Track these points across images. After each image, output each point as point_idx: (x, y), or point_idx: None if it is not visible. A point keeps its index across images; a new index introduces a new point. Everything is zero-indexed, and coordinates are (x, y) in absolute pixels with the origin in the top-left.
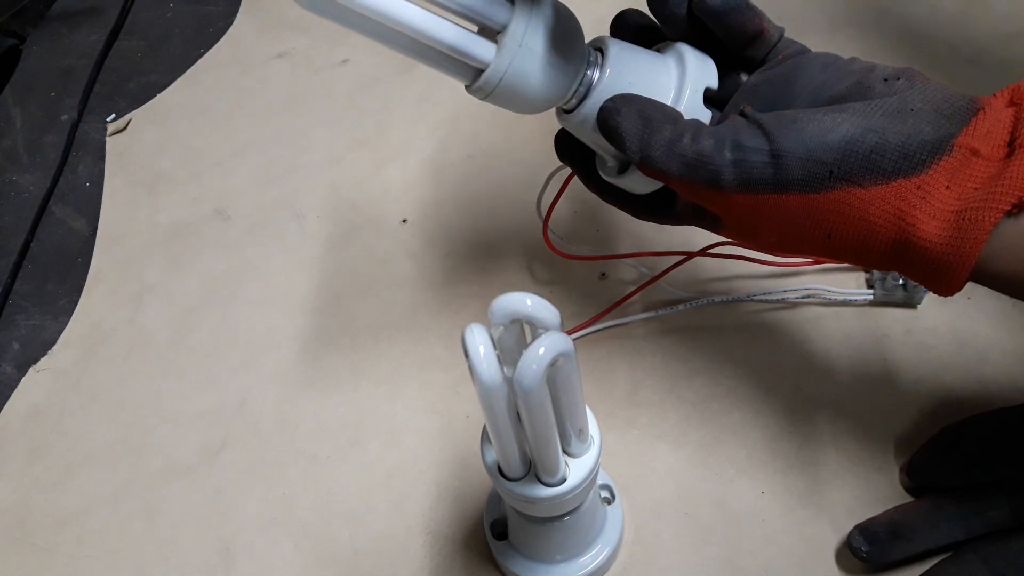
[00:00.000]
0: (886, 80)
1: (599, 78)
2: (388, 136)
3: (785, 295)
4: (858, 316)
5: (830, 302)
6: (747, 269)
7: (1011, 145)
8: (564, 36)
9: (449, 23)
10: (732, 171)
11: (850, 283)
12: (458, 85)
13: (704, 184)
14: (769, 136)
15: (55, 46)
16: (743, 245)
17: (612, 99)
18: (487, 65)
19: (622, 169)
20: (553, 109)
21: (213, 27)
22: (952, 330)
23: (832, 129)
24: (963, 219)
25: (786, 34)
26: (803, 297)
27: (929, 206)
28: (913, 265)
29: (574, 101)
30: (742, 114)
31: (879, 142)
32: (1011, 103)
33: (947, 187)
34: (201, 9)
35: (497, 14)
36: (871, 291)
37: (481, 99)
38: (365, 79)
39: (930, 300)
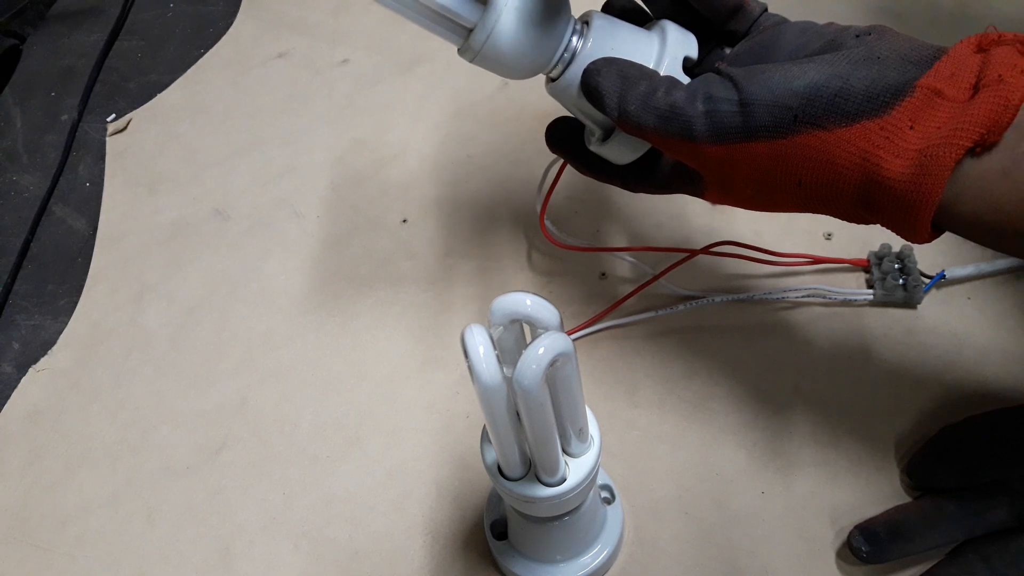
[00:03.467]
0: (858, 36)
1: (583, 46)
2: (388, 136)
3: (785, 295)
4: (858, 316)
5: (830, 302)
6: (747, 269)
7: (976, 87)
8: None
9: None
10: (703, 121)
11: (850, 283)
12: (457, 85)
13: (678, 136)
14: (738, 86)
15: (55, 46)
16: (724, 202)
17: (594, 62)
18: (475, 24)
19: (606, 137)
20: (543, 81)
21: (213, 27)
22: (952, 330)
23: (798, 76)
24: (925, 156)
25: None
26: (803, 297)
27: (893, 146)
28: (880, 207)
29: (560, 67)
30: (716, 71)
31: (843, 87)
32: (979, 49)
33: (911, 127)
34: (201, 9)
35: None
36: (871, 291)
37: (470, 60)
38: (365, 79)
39: (930, 300)
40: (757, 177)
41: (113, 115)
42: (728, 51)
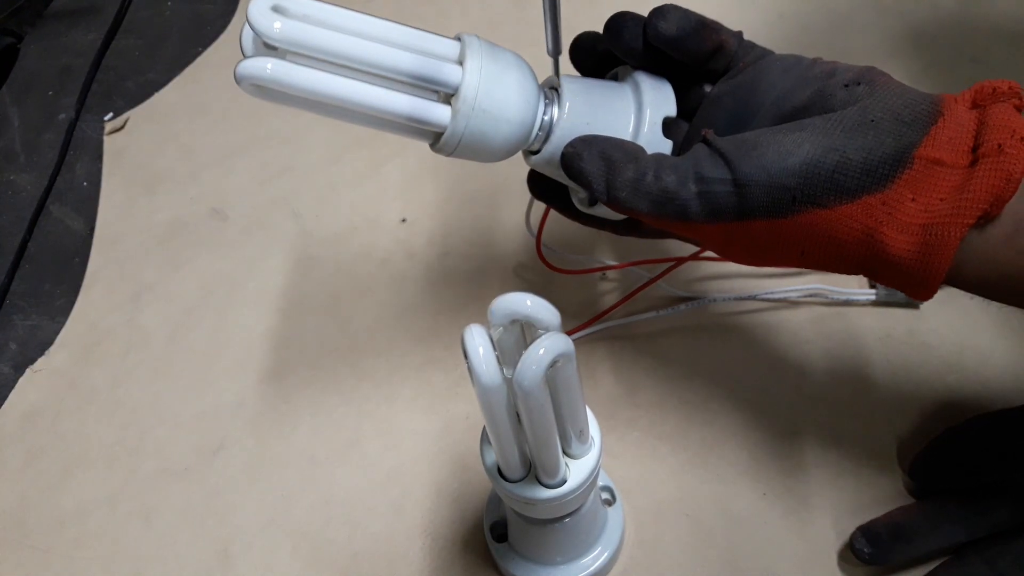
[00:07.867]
0: (847, 86)
1: (558, 117)
2: (387, 135)
3: (787, 294)
4: (860, 316)
5: (832, 302)
6: (748, 268)
7: (975, 152)
8: (516, 90)
9: (401, 95)
10: (698, 203)
11: (852, 283)
12: None
13: (673, 218)
14: (731, 165)
15: (52, 45)
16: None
17: (572, 144)
18: (445, 128)
19: (593, 200)
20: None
21: (211, 26)
22: (954, 331)
23: (792, 152)
24: (930, 234)
25: (788, 34)
26: (805, 297)
27: (896, 221)
28: (886, 277)
29: (537, 144)
30: (704, 140)
31: (841, 160)
32: (974, 105)
33: (912, 200)
34: (199, 7)
35: (448, 78)
36: (873, 291)
37: (447, 156)
38: None
39: (933, 300)
40: (757, 248)
41: (110, 114)
42: (709, 88)
